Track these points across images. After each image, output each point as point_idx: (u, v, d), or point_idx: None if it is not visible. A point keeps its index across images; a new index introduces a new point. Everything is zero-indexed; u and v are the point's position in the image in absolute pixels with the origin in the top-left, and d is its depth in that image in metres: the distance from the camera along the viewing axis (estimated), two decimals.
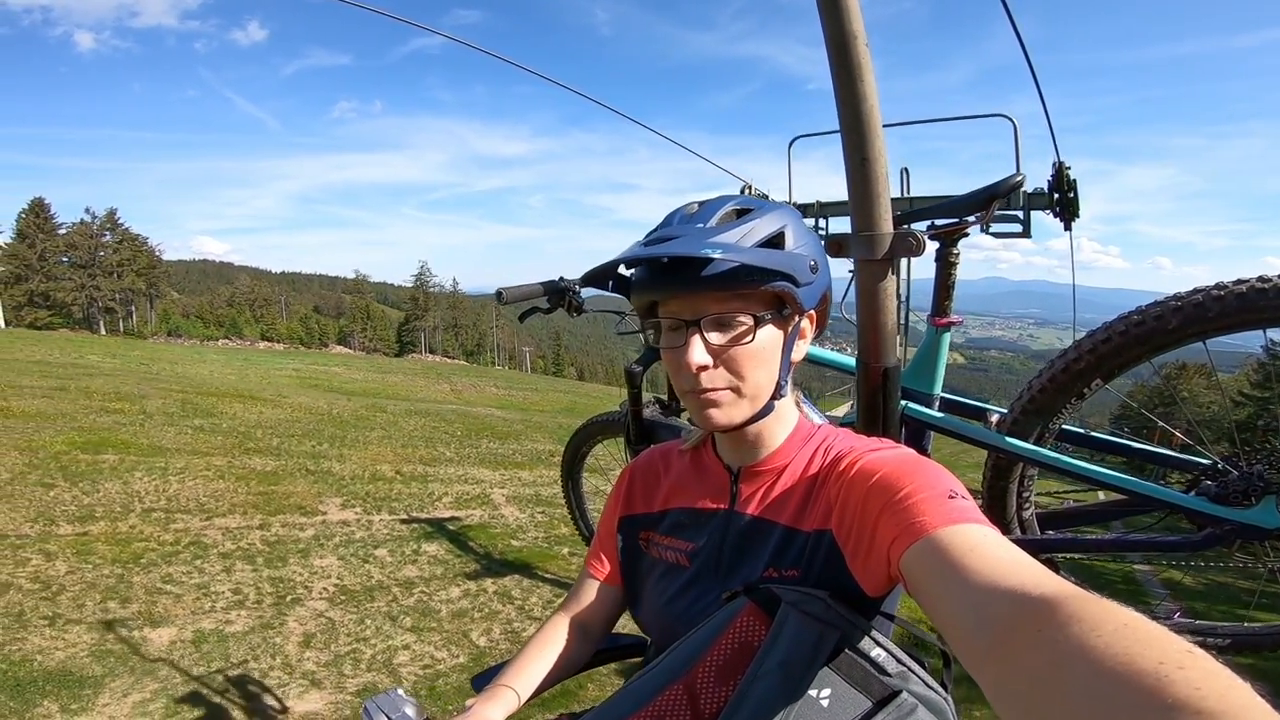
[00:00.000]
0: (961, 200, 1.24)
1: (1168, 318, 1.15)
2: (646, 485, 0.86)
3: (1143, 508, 1.37)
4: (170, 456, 4.60)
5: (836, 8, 0.91)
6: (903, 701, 0.57)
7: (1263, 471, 1.22)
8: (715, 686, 0.60)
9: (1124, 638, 0.33)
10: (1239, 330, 1.13)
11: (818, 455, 0.72)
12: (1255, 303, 1.09)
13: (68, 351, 12.05)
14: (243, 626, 2.47)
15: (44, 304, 40.11)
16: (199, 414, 6.37)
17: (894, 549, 0.56)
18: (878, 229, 1.04)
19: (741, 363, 0.67)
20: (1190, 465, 1.33)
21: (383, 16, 2.33)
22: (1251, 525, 1.20)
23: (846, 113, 0.97)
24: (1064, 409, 1.30)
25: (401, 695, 0.76)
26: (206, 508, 3.68)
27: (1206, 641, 1.42)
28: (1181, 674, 0.29)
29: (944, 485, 0.58)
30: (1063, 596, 0.38)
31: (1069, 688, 0.32)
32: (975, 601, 0.44)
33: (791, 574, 0.67)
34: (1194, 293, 1.15)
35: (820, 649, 0.58)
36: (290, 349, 43.86)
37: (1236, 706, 0.27)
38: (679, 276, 0.66)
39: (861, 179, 1.00)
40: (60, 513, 3.34)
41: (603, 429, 2.14)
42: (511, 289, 1.55)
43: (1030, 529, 1.50)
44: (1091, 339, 1.23)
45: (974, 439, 1.38)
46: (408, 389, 14.99)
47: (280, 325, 61.35)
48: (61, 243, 42.47)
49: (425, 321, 65.19)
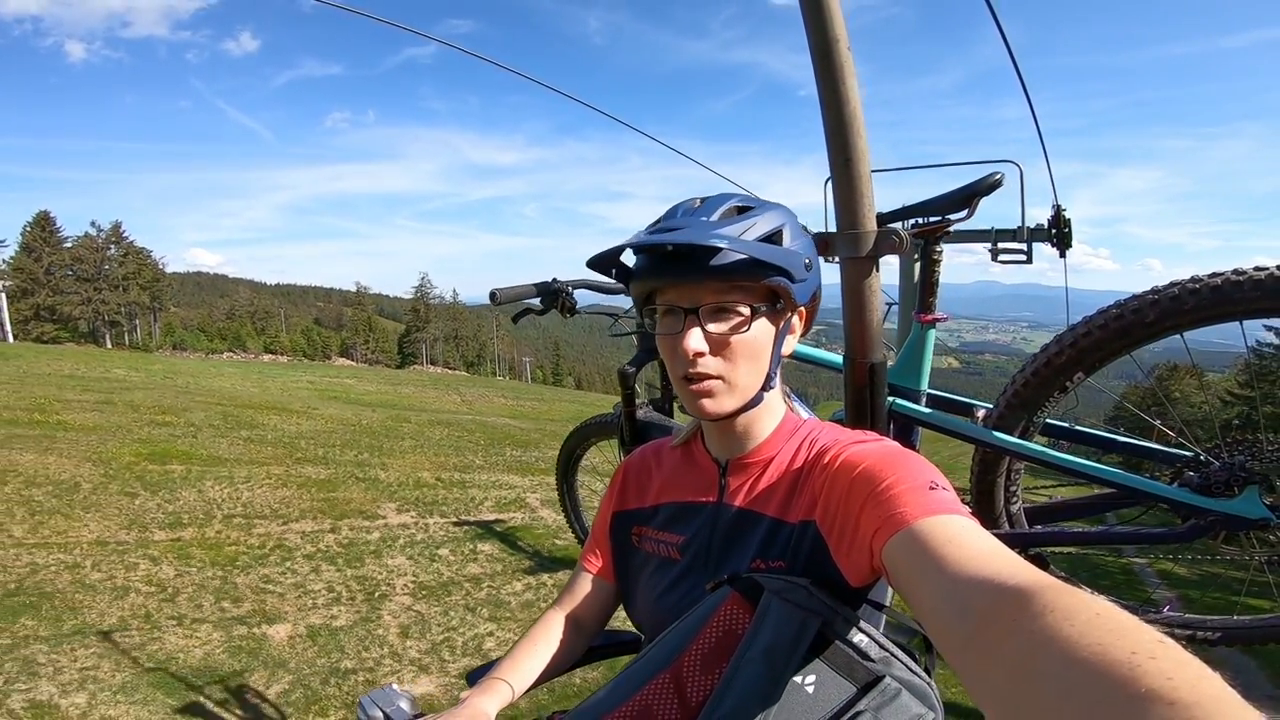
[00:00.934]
0: (943, 199, 1.25)
1: (1145, 311, 1.16)
2: (639, 481, 0.88)
3: (1127, 500, 1.39)
4: (231, 466, 4.90)
5: (819, 13, 0.94)
6: (886, 686, 0.58)
7: (1244, 462, 1.22)
8: (701, 675, 0.61)
9: (1097, 628, 0.33)
10: (1215, 323, 1.14)
11: (803, 448, 0.74)
12: (1230, 295, 1.09)
13: (92, 365, 12.31)
14: (346, 621, 2.77)
15: (50, 318, 40.38)
16: (242, 426, 6.67)
17: (876, 540, 0.57)
18: (861, 227, 1.07)
19: (735, 352, 0.70)
20: (1173, 457, 1.35)
21: (374, 26, 2.71)
22: (1234, 515, 1.21)
23: (830, 115, 1.00)
24: (1047, 402, 1.32)
25: (396, 690, 0.78)
26: (279, 513, 3.98)
27: (1195, 635, 1.41)
28: (1154, 664, 0.30)
29: (925, 477, 0.60)
30: (1038, 587, 0.39)
31: (1043, 677, 0.33)
32: (954, 592, 0.45)
33: (778, 565, 0.69)
34: (1170, 286, 1.15)
35: (803, 636, 0.59)
36: (294, 361, 44.11)
37: (1208, 696, 0.27)
38: (682, 265, 0.68)
39: (845, 179, 1.03)
40: (150, 520, 3.64)
41: (597, 431, 2.17)
42: (505, 290, 1.60)
43: (1018, 523, 1.51)
44: (1072, 333, 1.25)
45: (960, 434, 1.39)
46: (421, 400, 15.26)
47: (283, 338, 61.66)
48: (68, 256, 42.85)
49: (426, 333, 65.51)
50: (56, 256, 42.25)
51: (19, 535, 3.19)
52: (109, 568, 2.98)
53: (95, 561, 3.01)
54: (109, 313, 43.76)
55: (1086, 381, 1.33)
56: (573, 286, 1.68)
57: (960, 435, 1.39)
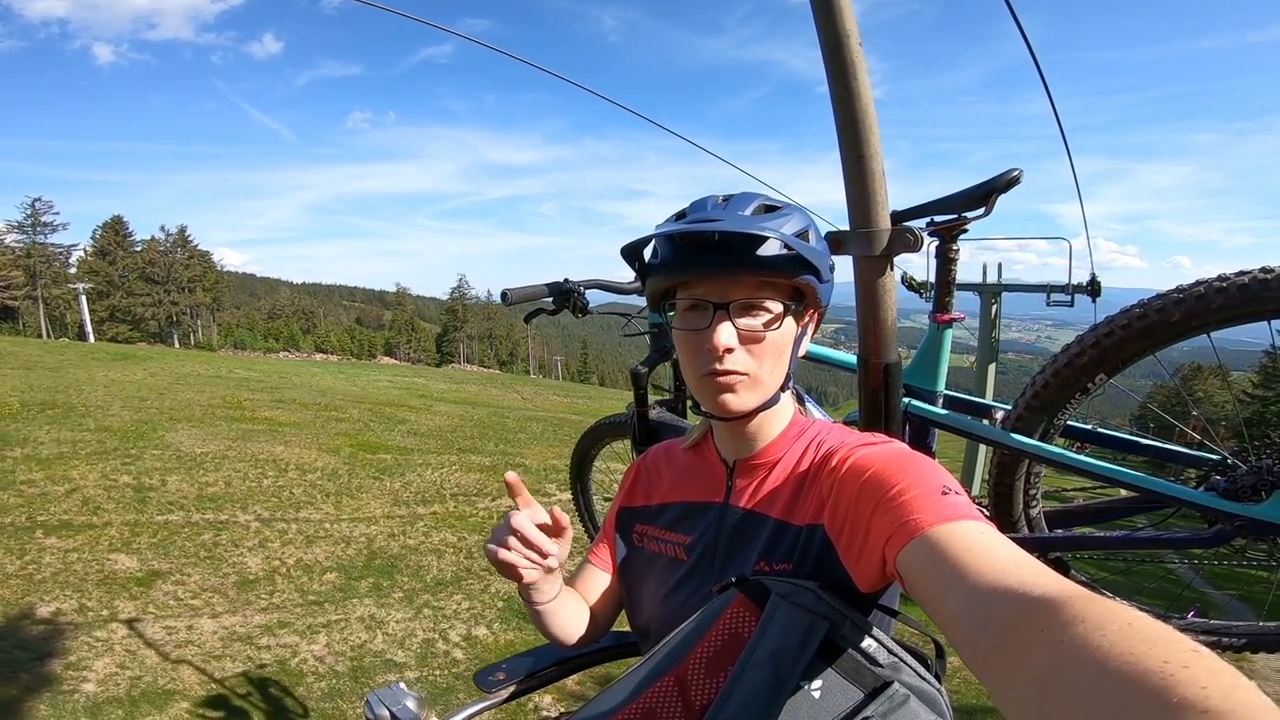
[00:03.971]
0: (960, 196, 1.24)
1: (1170, 310, 1.13)
2: (649, 479, 0.88)
3: (1151, 504, 1.36)
4: (420, 454, 6.09)
5: (830, 8, 0.94)
6: (894, 692, 0.57)
7: (1271, 465, 1.19)
8: (705, 678, 0.61)
9: (1128, 637, 0.33)
10: (1243, 322, 1.10)
11: (810, 450, 0.73)
12: (1258, 294, 1.06)
13: (209, 365, 13.78)
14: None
15: (125, 319, 43.29)
16: (394, 421, 7.93)
17: (889, 547, 0.56)
18: (875, 225, 1.07)
19: (764, 350, 0.69)
20: (1198, 460, 1.32)
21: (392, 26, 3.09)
22: (1261, 520, 1.17)
23: (841, 111, 1.00)
24: (1069, 404, 1.28)
25: (404, 689, 0.79)
26: (484, 492, 5.12)
27: (1221, 641, 1.37)
28: (1187, 673, 0.29)
29: (937, 481, 0.58)
30: (1065, 596, 0.39)
31: (1074, 688, 0.32)
32: (977, 602, 0.44)
33: (783, 567, 0.68)
34: (1196, 284, 1.12)
35: (810, 640, 0.58)
36: (344, 360, 46.30)
37: (1242, 705, 0.27)
38: (718, 257, 0.67)
39: (858, 176, 1.04)
40: (405, 498, 4.78)
41: (610, 431, 2.17)
42: (517, 290, 1.59)
43: (1038, 527, 1.48)
44: (1094, 333, 1.22)
45: (978, 435, 1.37)
46: (491, 398, 16.52)
47: (333, 338, 64.52)
48: (139, 259, 45.81)
49: (463, 332, 67.67)
50: (129, 260, 45.29)
51: (334, 513, 4.30)
52: (410, 536, 4.04)
53: (395, 531, 4.09)
54: (177, 314, 46.68)
55: (1110, 383, 1.30)
56: (585, 286, 1.69)
57: (978, 437, 1.37)
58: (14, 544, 3.16)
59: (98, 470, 4.29)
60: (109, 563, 3.08)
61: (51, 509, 3.62)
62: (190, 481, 4.35)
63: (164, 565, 3.13)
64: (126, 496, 3.93)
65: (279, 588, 3.08)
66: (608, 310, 1.87)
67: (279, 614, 2.83)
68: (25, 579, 2.86)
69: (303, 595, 3.03)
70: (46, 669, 2.28)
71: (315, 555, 3.49)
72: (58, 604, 2.70)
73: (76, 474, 4.19)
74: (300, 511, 4.14)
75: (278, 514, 4.02)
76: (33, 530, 3.33)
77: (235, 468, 4.79)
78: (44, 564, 3.03)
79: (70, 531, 3.36)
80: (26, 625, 2.52)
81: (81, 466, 4.34)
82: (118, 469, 4.39)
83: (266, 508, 4.10)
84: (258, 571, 3.21)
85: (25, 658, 2.33)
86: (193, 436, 5.62)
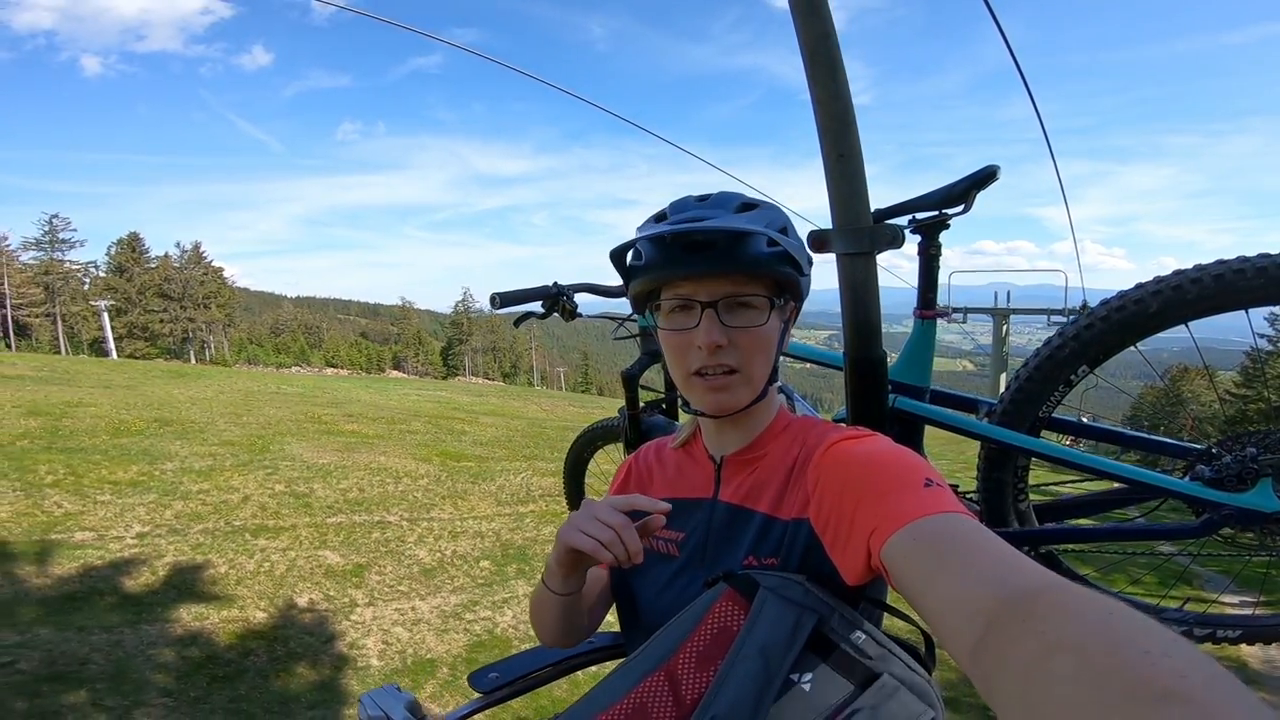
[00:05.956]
0: (940, 193, 1.25)
1: (1148, 302, 1.14)
2: (640, 478, 0.90)
3: (1138, 495, 1.38)
4: (496, 462, 6.81)
5: (811, 9, 0.94)
6: (884, 683, 0.58)
7: (1256, 454, 1.19)
8: (696, 672, 0.61)
9: (1109, 627, 0.34)
10: (1219, 312, 1.12)
11: (795, 444, 0.75)
12: (1233, 284, 1.07)
13: (257, 382, 14.41)
14: None
15: (143, 335, 44.02)
16: (455, 433, 8.63)
17: (874, 539, 0.57)
18: (858, 223, 1.07)
19: (752, 346, 0.71)
20: (1183, 450, 1.33)
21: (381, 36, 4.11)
22: (1248, 509, 1.18)
23: (822, 111, 0.99)
24: (1052, 397, 1.30)
25: (398, 690, 0.79)
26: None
27: (1215, 633, 1.38)
28: (1168, 662, 0.30)
29: (919, 473, 0.60)
30: (1046, 587, 0.40)
31: (1057, 678, 0.33)
32: (960, 594, 0.45)
33: (770, 562, 0.69)
34: (1173, 276, 1.13)
35: (798, 633, 0.59)
36: (354, 374, 46.95)
37: (1221, 694, 0.28)
38: (704, 256, 0.68)
39: (840, 174, 1.03)
40: (506, 499, 5.46)
41: (603, 435, 2.19)
42: (507, 293, 1.61)
43: (1027, 520, 1.49)
44: (1075, 326, 1.24)
45: (965, 430, 1.38)
46: (515, 409, 17.14)
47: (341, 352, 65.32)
48: (157, 276, 46.63)
49: (468, 345, 68.46)
50: (146, 276, 46.10)
51: (455, 513, 4.98)
52: (524, 530, 4.73)
53: (511, 527, 4.79)
54: (192, 330, 47.45)
55: (1101, 383, 1.27)
56: (573, 290, 1.72)
57: (965, 432, 1.39)
58: (239, 546, 3.78)
59: (252, 480, 4.99)
60: (321, 558, 3.75)
61: (239, 515, 4.28)
62: (331, 488, 5.05)
63: (361, 559, 3.82)
64: (291, 503, 4.63)
65: (452, 574, 3.79)
66: (598, 315, 1.87)
67: (466, 595, 3.54)
68: (268, 574, 3.49)
69: (473, 580, 3.75)
70: (337, 650, 2.89)
71: (464, 548, 4.20)
72: (308, 595, 3.34)
73: (237, 483, 4.89)
74: (430, 512, 4.86)
75: (415, 514, 4.73)
76: (241, 533, 3.99)
77: (359, 476, 5.49)
78: (274, 561, 3.60)
79: (270, 534, 4.02)
80: (296, 614, 3.15)
81: (235, 478, 5.03)
82: (267, 479, 5.08)
83: (403, 510, 4.81)
84: (430, 562, 3.91)
85: (315, 642, 2.91)
86: (305, 449, 6.33)
